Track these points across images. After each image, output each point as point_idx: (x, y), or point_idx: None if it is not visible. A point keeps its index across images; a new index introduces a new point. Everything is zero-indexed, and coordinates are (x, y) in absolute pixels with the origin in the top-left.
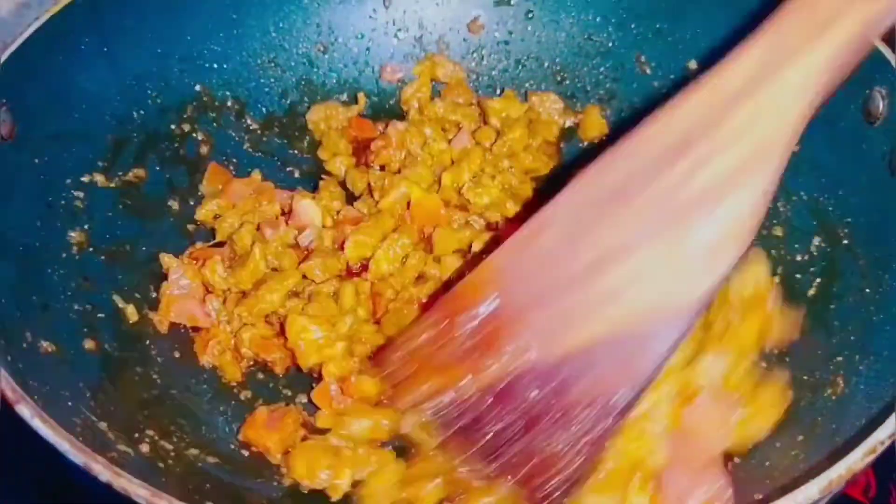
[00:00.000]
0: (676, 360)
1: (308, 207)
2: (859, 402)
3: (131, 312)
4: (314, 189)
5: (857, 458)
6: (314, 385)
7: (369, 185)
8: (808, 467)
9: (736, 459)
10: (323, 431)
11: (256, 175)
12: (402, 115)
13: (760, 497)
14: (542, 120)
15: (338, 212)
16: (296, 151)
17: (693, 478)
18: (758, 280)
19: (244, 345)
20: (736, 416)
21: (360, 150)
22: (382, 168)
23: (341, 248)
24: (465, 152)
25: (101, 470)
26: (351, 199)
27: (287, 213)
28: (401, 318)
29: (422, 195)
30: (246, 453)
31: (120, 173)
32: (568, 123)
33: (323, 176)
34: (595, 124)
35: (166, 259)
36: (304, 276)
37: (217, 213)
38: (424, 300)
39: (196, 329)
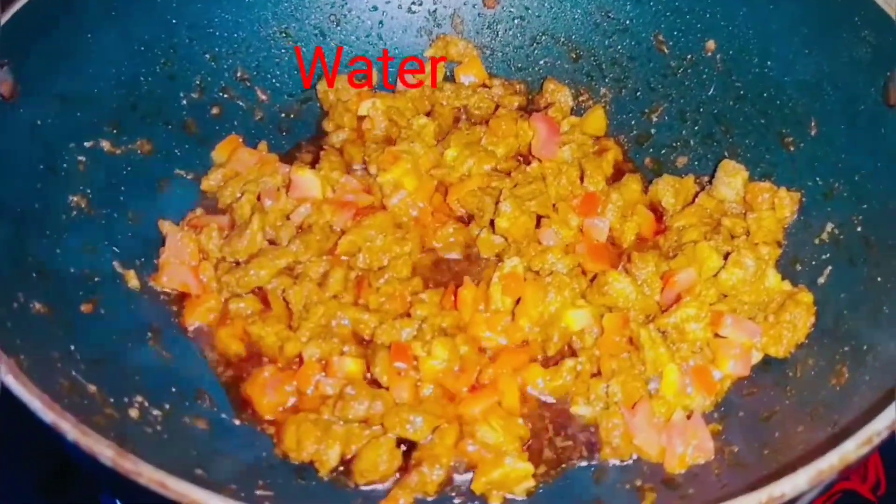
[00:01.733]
0: (709, 267)
1: (307, 179)
2: (863, 393)
3: (131, 277)
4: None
5: (850, 449)
6: None
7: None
8: (800, 456)
9: (735, 448)
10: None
11: (263, 146)
12: None
13: (750, 483)
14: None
15: (334, 187)
16: (303, 124)
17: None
18: (742, 182)
19: (230, 316)
20: (757, 340)
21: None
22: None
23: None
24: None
25: (69, 429)
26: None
27: (288, 185)
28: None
29: (416, 186)
30: (237, 422)
31: (125, 139)
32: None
33: (325, 146)
34: (596, 123)
35: (165, 225)
36: None
37: (221, 182)
38: (409, 298)
39: (188, 296)
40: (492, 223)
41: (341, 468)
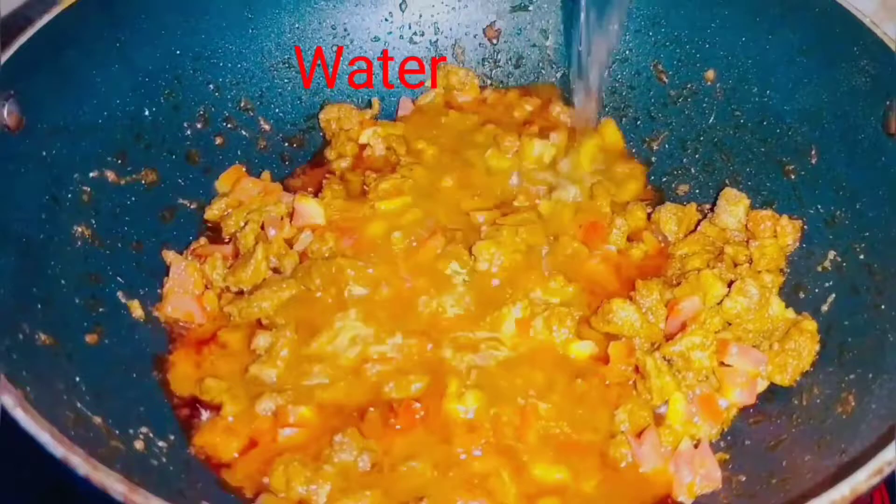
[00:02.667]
0: (713, 295)
1: (310, 208)
2: (870, 421)
3: (135, 308)
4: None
5: (862, 479)
6: None
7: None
8: (811, 487)
9: (742, 477)
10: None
11: (266, 175)
12: None
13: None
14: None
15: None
16: (306, 153)
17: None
18: (744, 210)
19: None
20: (763, 369)
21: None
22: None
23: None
24: None
25: (80, 463)
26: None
27: (292, 215)
28: None
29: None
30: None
31: (130, 169)
32: None
33: (327, 175)
34: (611, 136)
35: (169, 255)
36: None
37: (225, 211)
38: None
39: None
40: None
41: None
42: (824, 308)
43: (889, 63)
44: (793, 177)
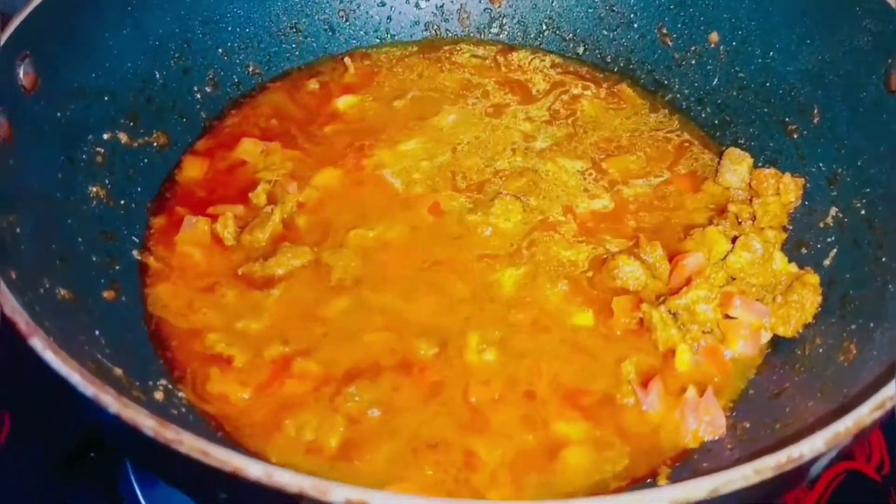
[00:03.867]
0: (718, 251)
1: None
2: (871, 368)
3: (153, 263)
4: None
5: (865, 413)
6: None
7: None
8: (815, 421)
9: (746, 424)
10: None
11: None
12: None
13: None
14: None
15: None
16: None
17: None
18: (748, 169)
19: None
20: (766, 321)
21: None
22: None
23: None
24: None
25: (111, 402)
26: None
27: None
28: None
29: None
30: None
31: (142, 132)
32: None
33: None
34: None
35: (180, 210)
36: None
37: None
38: None
39: None
40: None
41: None
42: (826, 262)
43: (890, 22)
44: (795, 136)
